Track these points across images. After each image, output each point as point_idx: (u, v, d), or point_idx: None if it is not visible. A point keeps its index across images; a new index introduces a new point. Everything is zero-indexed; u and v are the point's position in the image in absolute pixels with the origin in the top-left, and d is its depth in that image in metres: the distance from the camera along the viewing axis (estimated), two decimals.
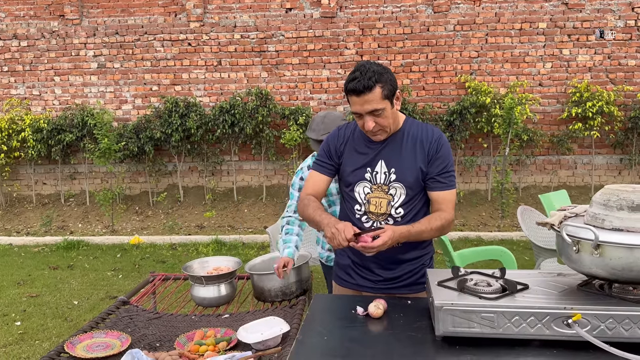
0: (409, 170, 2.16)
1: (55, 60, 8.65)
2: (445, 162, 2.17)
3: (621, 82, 8.09)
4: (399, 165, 2.17)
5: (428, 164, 2.16)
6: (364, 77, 2.02)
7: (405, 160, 2.17)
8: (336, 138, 2.31)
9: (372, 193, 2.20)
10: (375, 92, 2.03)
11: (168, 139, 8.14)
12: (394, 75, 2.14)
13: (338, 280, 2.42)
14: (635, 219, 1.61)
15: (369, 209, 2.21)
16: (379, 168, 2.19)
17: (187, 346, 2.62)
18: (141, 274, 5.75)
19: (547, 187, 8.26)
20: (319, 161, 2.33)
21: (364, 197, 2.22)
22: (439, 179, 2.16)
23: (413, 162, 2.16)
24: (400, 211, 2.19)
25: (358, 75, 2.04)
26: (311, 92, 8.43)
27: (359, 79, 2.02)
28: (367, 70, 2.03)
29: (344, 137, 2.29)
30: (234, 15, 8.47)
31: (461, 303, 1.69)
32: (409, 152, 2.18)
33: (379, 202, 2.19)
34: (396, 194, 2.18)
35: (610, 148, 8.23)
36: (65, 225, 7.93)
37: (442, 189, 2.17)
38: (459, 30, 8.23)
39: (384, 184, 2.19)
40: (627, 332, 1.61)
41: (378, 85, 2.03)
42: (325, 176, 2.31)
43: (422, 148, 2.17)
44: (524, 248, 6.32)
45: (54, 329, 4.40)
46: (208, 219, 7.91)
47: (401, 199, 2.18)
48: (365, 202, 2.22)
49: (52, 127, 8.19)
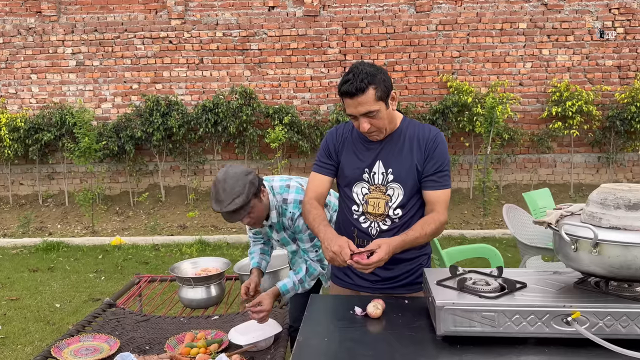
0: (406, 171, 2.15)
1: (32, 58, 8.47)
2: (440, 161, 2.15)
3: (599, 82, 8.25)
4: (397, 165, 2.16)
5: (424, 163, 2.15)
6: (357, 79, 2.00)
7: (403, 161, 2.16)
8: (334, 137, 2.29)
9: (370, 193, 2.19)
10: (368, 93, 2.01)
11: (149, 138, 8.03)
12: (389, 76, 2.13)
13: (336, 280, 2.41)
14: (633, 218, 1.63)
15: (367, 209, 2.20)
16: (377, 168, 2.18)
17: (178, 349, 2.59)
18: (124, 276, 5.66)
19: (527, 185, 8.38)
20: (319, 162, 2.31)
21: (362, 197, 2.21)
22: (433, 178, 2.15)
23: (410, 162, 2.15)
24: (398, 212, 2.18)
25: (351, 77, 2.01)
26: (294, 91, 8.41)
27: (351, 81, 2.01)
28: (359, 72, 2.01)
29: (341, 137, 2.27)
30: (215, 12, 8.40)
31: (462, 302, 1.69)
32: (407, 152, 2.17)
33: (376, 203, 2.18)
34: (394, 195, 2.17)
35: (588, 146, 8.39)
36: (44, 227, 7.77)
37: (437, 189, 2.15)
38: (441, 30, 8.30)
39: (381, 185, 2.18)
40: (625, 329, 1.63)
41: (371, 86, 2.01)
42: (327, 177, 2.29)
43: (419, 147, 2.16)
44: (507, 246, 6.40)
45: (36, 332, 4.30)
46: (191, 219, 7.83)
47: (399, 199, 2.17)
48: (363, 203, 2.21)
49: (30, 126, 8.03)
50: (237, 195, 2.33)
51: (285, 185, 2.59)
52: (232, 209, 2.34)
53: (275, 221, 2.59)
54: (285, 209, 2.55)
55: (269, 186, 2.58)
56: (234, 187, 2.34)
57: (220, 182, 2.37)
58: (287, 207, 2.54)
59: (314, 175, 2.32)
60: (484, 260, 3.77)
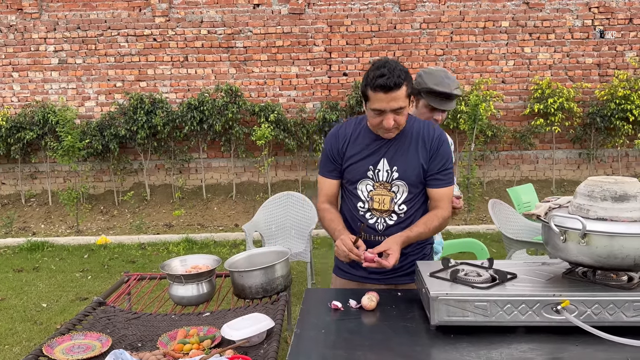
0: (411, 169, 2.19)
1: (13, 56, 8.35)
2: (444, 159, 2.20)
3: (579, 79, 8.40)
4: (402, 163, 2.20)
5: (429, 161, 2.19)
6: (393, 74, 2.01)
7: (408, 159, 2.19)
8: (336, 140, 2.30)
9: (374, 190, 2.23)
10: (402, 89, 2.04)
11: (133, 137, 7.98)
12: None
13: (340, 273, 2.44)
14: (619, 209, 1.69)
15: (373, 206, 2.24)
16: (382, 166, 2.22)
17: (171, 345, 2.59)
18: (111, 275, 5.63)
19: (510, 181, 8.51)
20: (323, 168, 2.35)
21: (367, 194, 2.25)
22: (438, 176, 2.20)
23: (415, 160, 2.19)
24: (403, 207, 2.22)
25: (386, 72, 2.02)
26: (280, 89, 8.42)
27: (388, 75, 2.01)
28: (394, 67, 2.04)
29: (345, 137, 2.28)
30: (200, 10, 8.36)
31: (455, 293, 1.74)
32: (412, 150, 2.20)
33: (382, 200, 2.22)
34: (399, 192, 2.21)
35: (569, 143, 8.54)
36: (27, 227, 7.68)
37: (441, 186, 2.21)
38: (425, 28, 8.37)
39: (386, 182, 2.22)
40: (612, 316, 1.69)
41: (405, 83, 2.05)
42: (335, 180, 2.34)
43: (423, 146, 2.19)
44: (491, 241, 6.50)
45: (24, 333, 4.27)
46: (177, 218, 7.80)
47: (404, 196, 2.21)
48: (368, 200, 2.25)
49: (11, 124, 7.92)
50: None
51: None
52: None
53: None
54: None
55: None
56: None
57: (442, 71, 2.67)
58: None
59: (322, 179, 2.37)
60: (471, 255, 3.84)
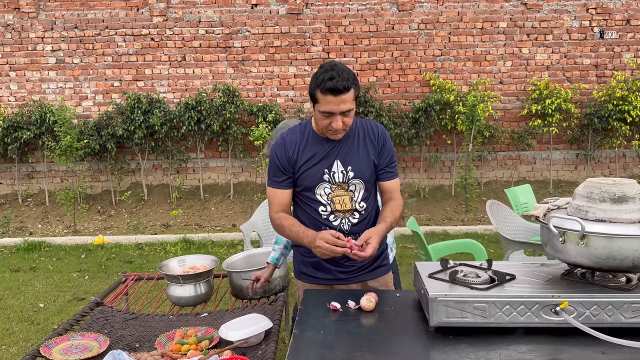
0: (364, 166, 2.28)
1: (11, 55, 8.32)
2: (390, 152, 2.34)
3: (577, 80, 8.41)
4: (355, 162, 2.27)
5: (379, 157, 2.30)
6: (342, 77, 2.07)
7: (360, 157, 2.28)
8: (284, 149, 2.28)
9: (333, 193, 2.27)
10: (351, 92, 2.12)
11: (131, 136, 7.96)
12: None
13: (305, 278, 2.43)
14: (618, 210, 1.69)
15: (335, 207, 2.27)
16: (336, 168, 2.26)
17: (169, 346, 2.59)
18: (108, 275, 5.62)
19: (507, 182, 8.52)
20: (274, 179, 2.32)
21: (327, 197, 2.27)
22: (387, 169, 2.33)
23: (367, 157, 2.29)
24: (363, 205, 2.30)
25: (335, 75, 2.06)
26: (278, 89, 8.41)
27: (337, 78, 2.06)
28: (342, 70, 2.10)
29: (293, 145, 2.28)
30: (198, 10, 8.35)
31: (454, 294, 1.74)
32: (362, 148, 2.29)
33: (342, 200, 2.26)
34: (356, 190, 2.28)
35: (567, 144, 8.56)
36: (24, 226, 7.65)
37: (391, 178, 2.35)
38: (423, 28, 8.37)
39: (343, 182, 2.27)
40: (610, 317, 1.69)
41: (353, 86, 2.12)
42: (287, 190, 2.32)
43: (371, 143, 2.30)
44: (489, 241, 6.50)
45: (21, 333, 4.25)
46: (174, 218, 7.79)
47: (361, 193, 2.29)
48: (329, 203, 2.27)
49: (8, 124, 7.89)
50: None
51: None
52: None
53: None
54: None
55: None
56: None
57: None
58: None
59: (272, 190, 2.33)
60: (469, 255, 3.84)
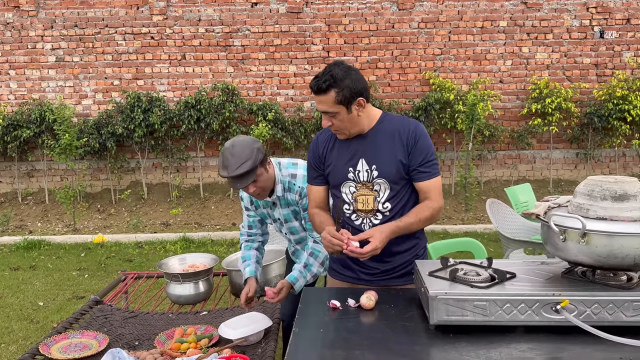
0: (389, 165, 2.20)
1: (10, 53, 8.31)
2: (425, 151, 2.20)
3: (577, 79, 8.41)
4: (379, 161, 2.21)
5: (408, 156, 2.19)
6: (321, 79, 2.09)
7: (385, 156, 2.21)
8: (316, 147, 2.37)
9: (357, 191, 2.25)
10: (329, 95, 2.09)
11: (130, 135, 7.95)
12: (361, 82, 2.15)
13: (333, 274, 2.45)
14: (619, 208, 1.69)
15: (357, 207, 2.25)
16: (361, 167, 2.24)
17: (168, 344, 2.59)
18: (108, 273, 5.61)
19: (507, 181, 8.52)
20: (309, 176, 2.41)
21: (351, 196, 2.26)
22: (421, 169, 2.20)
23: (392, 156, 2.20)
24: (387, 205, 2.23)
25: (319, 75, 2.11)
26: (278, 88, 8.41)
27: (318, 79, 2.11)
28: (327, 72, 2.10)
29: (324, 143, 2.34)
30: (198, 8, 8.34)
31: (454, 292, 1.73)
32: (388, 147, 2.21)
33: (365, 200, 2.23)
34: (381, 190, 2.22)
35: (567, 143, 8.55)
36: (24, 225, 7.65)
37: (426, 179, 2.21)
38: (423, 27, 8.37)
39: (367, 182, 2.23)
40: (611, 316, 1.68)
41: (333, 90, 2.08)
42: (321, 186, 2.38)
43: (400, 141, 2.20)
44: (488, 240, 6.50)
45: (20, 331, 4.25)
46: (174, 217, 7.78)
47: (386, 193, 2.22)
48: (352, 201, 2.26)
49: (8, 122, 7.88)
50: (244, 160, 2.40)
51: (292, 163, 2.69)
52: (240, 173, 2.40)
53: (280, 195, 2.64)
54: (293, 184, 2.63)
55: (276, 162, 2.66)
56: (242, 152, 2.42)
57: (228, 149, 2.44)
58: (296, 182, 2.63)
59: (309, 187, 2.42)
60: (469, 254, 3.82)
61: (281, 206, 2.71)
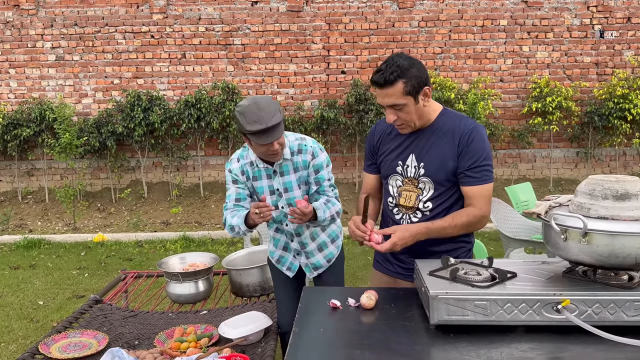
0: (437, 165, 2.14)
1: (10, 52, 8.31)
2: (476, 155, 2.09)
3: (577, 78, 8.40)
4: (428, 159, 2.16)
5: (458, 158, 2.11)
6: (387, 71, 2.02)
7: (434, 155, 2.14)
8: (372, 136, 2.38)
9: (403, 186, 2.24)
10: (396, 87, 2.02)
11: (131, 134, 7.95)
12: (425, 71, 2.09)
13: (377, 266, 2.48)
14: (620, 208, 1.68)
15: (400, 201, 2.24)
16: (410, 162, 2.21)
17: (168, 343, 2.58)
18: (108, 272, 5.61)
19: (507, 180, 8.51)
20: (365, 163, 2.45)
21: (396, 190, 2.26)
22: (468, 174, 2.10)
23: (442, 157, 2.13)
24: (428, 205, 2.18)
25: (383, 67, 2.04)
26: (278, 87, 8.40)
27: (382, 71, 2.03)
28: (392, 64, 2.03)
29: (380, 133, 2.34)
30: (198, 7, 8.33)
31: (455, 292, 1.73)
32: (440, 146, 2.14)
33: (408, 196, 2.22)
34: (425, 188, 2.18)
35: (567, 142, 8.54)
36: (24, 224, 7.64)
37: (472, 184, 2.10)
38: (423, 26, 8.36)
39: (414, 178, 2.21)
40: (612, 315, 1.68)
41: (400, 80, 2.01)
42: (373, 175, 2.41)
43: (452, 142, 2.12)
44: (489, 239, 6.49)
45: (20, 330, 4.25)
46: (174, 215, 7.78)
47: (430, 193, 2.17)
48: (396, 195, 2.25)
49: (8, 121, 7.88)
50: (274, 112, 2.33)
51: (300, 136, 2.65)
52: (276, 122, 2.32)
53: (288, 157, 2.55)
54: (304, 144, 2.57)
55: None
56: (269, 105, 2.34)
57: (252, 105, 2.34)
58: (307, 142, 2.58)
59: (364, 174, 2.47)
60: None
61: (284, 173, 2.58)
